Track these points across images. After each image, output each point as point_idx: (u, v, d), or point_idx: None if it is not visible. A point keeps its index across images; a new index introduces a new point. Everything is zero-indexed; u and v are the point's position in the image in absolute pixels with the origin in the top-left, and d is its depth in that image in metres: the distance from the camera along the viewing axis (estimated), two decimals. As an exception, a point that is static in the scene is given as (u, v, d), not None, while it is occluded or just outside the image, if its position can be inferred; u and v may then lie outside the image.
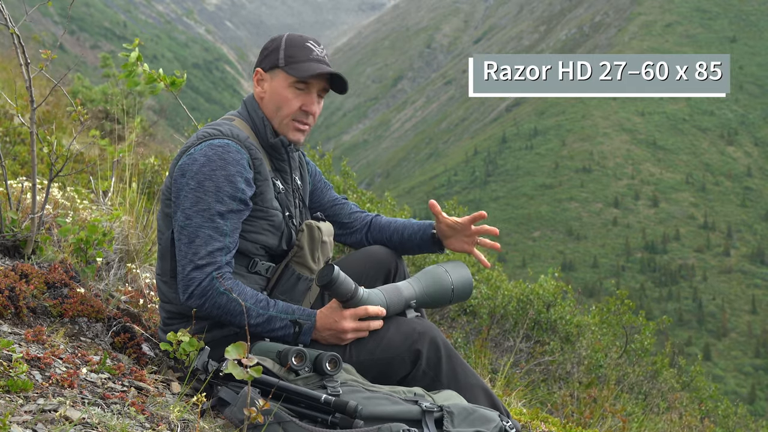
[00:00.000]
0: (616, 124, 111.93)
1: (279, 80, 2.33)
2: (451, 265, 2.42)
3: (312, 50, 2.33)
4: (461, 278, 2.40)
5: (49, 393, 1.80)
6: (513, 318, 6.42)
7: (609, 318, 7.29)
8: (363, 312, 2.18)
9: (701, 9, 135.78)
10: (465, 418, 2.02)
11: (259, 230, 2.29)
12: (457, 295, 2.39)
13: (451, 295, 2.38)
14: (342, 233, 2.68)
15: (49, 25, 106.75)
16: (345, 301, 2.17)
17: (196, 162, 2.21)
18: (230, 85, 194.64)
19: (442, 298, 2.38)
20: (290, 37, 2.36)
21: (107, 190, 3.84)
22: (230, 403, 2.00)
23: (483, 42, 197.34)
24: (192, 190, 2.19)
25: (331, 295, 2.18)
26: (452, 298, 2.40)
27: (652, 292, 79.74)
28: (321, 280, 2.14)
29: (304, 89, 2.33)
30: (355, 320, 2.18)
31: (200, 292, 2.15)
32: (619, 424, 4.34)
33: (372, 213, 2.72)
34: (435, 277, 2.35)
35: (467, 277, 2.42)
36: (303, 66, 2.30)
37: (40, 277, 2.50)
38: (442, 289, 2.35)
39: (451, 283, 2.37)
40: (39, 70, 2.86)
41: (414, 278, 2.35)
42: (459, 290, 2.39)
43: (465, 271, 2.43)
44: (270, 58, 2.35)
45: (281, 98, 2.33)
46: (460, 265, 2.45)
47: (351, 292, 2.15)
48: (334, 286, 2.13)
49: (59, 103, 8.49)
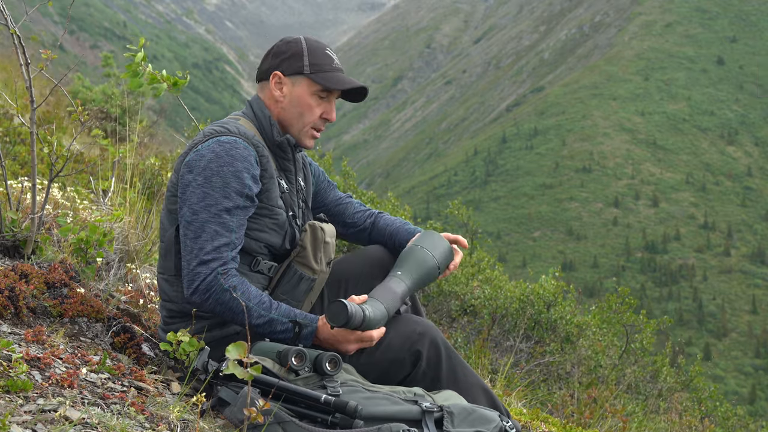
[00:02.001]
0: (616, 124, 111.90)
1: (302, 87, 2.36)
2: (429, 242, 2.43)
3: (333, 59, 2.38)
4: (443, 254, 2.44)
5: (48, 393, 1.80)
6: (513, 318, 6.42)
7: (609, 317, 7.28)
8: (367, 338, 2.18)
9: (701, 9, 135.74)
10: (465, 418, 2.03)
11: (264, 228, 2.30)
12: (442, 271, 2.45)
13: (438, 274, 2.43)
14: (346, 232, 2.70)
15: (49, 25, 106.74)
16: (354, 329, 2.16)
17: (204, 158, 2.21)
18: (230, 85, 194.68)
19: (429, 280, 2.42)
20: (311, 44, 2.38)
21: (107, 190, 3.84)
22: (230, 403, 2.00)
23: (483, 42, 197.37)
24: (199, 185, 2.19)
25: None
26: (438, 276, 2.45)
27: (652, 292, 79.71)
28: (336, 321, 2.10)
29: (325, 98, 2.37)
30: (358, 342, 2.19)
31: (205, 288, 2.15)
32: (619, 425, 4.34)
33: (375, 210, 2.73)
34: (422, 263, 2.37)
35: (447, 247, 2.46)
36: (330, 76, 2.35)
37: (40, 277, 2.50)
38: (429, 272, 2.39)
39: (437, 266, 2.41)
40: (39, 70, 2.86)
41: (403, 271, 2.34)
42: (443, 265, 2.44)
43: (442, 242, 2.47)
44: (291, 63, 2.36)
45: (305, 105, 2.36)
46: (436, 237, 2.47)
47: (360, 322, 2.13)
48: (347, 326, 2.11)
49: (59, 103, 8.48)
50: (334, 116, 2.41)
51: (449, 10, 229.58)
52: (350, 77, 2.40)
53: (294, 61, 2.36)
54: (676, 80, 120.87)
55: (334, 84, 2.33)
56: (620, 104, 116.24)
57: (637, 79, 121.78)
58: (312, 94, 2.36)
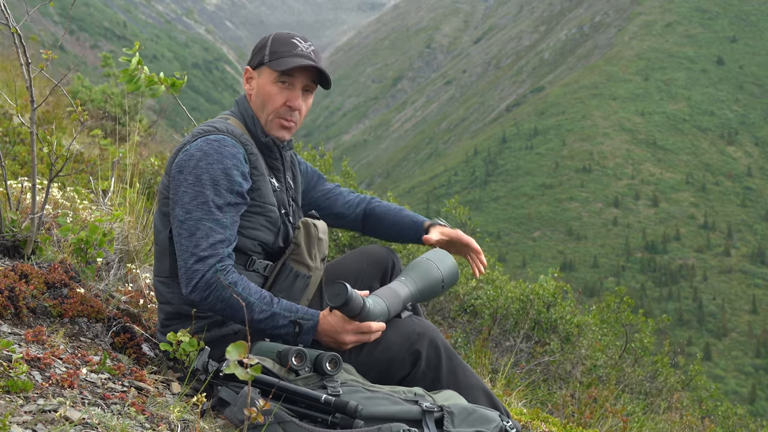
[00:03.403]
0: (616, 124, 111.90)
1: (264, 76, 2.36)
2: (437, 257, 2.45)
3: (297, 45, 2.34)
4: (449, 270, 2.44)
5: (49, 393, 1.80)
6: (513, 318, 6.42)
7: (609, 317, 7.29)
8: (366, 328, 2.18)
9: (701, 9, 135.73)
10: (465, 418, 2.02)
11: (257, 226, 2.30)
12: (446, 287, 2.45)
13: (441, 289, 2.43)
14: (338, 223, 2.73)
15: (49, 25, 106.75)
16: (353, 316, 2.16)
17: (193, 157, 2.22)
18: (230, 85, 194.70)
19: (434, 293, 2.43)
20: (277, 35, 2.39)
21: (107, 190, 3.84)
22: (230, 403, 2.00)
23: (483, 42, 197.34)
24: (190, 185, 2.20)
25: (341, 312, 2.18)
26: (442, 291, 2.45)
27: (652, 292, 79.72)
28: (335, 301, 2.12)
29: (288, 85, 2.34)
30: (356, 334, 2.18)
31: (204, 285, 2.14)
32: (620, 424, 4.34)
33: (365, 196, 2.75)
34: (426, 274, 2.38)
35: (454, 267, 2.47)
36: (286, 60, 2.31)
37: (39, 277, 2.50)
38: (433, 284, 2.39)
39: (442, 280, 2.41)
40: (39, 70, 2.86)
41: (407, 276, 2.36)
42: (448, 282, 2.44)
43: (450, 260, 2.48)
44: (257, 55, 2.38)
45: (266, 94, 2.35)
46: (445, 255, 2.49)
47: (360, 308, 2.14)
48: (346, 307, 2.12)
49: (59, 103, 8.48)
50: (301, 103, 2.37)
51: (449, 10, 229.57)
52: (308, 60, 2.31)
53: (259, 53, 2.37)
54: (676, 80, 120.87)
55: (285, 65, 2.30)
56: (620, 104, 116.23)
57: (637, 79, 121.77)
58: (273, 82, 2.34)
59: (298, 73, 2.34)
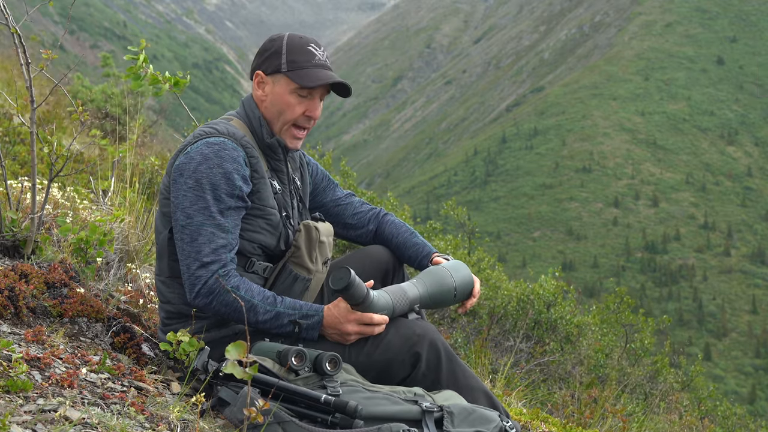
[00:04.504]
0: (616, 124, 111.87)
1: (281, 85, 2.31)
2: (453, 267, 2.42)
3: (314, 54, 2.31)
4: (463, 280, 2.40)
5: (48, 393, 1.80)
6: (513, 318, 6.42)
7: (609, 317, 7.29)
8: (368, 319, 2.18)
9: (701, 9, 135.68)
10: (465, 418, 2.02)
11: (257, 229, 2.29)
12: (459, 297, 2.41)
13: (454, 298, 2.39)
14: (346, 234, 2.68)
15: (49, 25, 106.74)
16: (356, 304, 2.16)
17: (193, 160, 2.21)
18: (230, 85, 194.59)
19: (444, 301, 2.39)
20: (291, 40, 2.33)
21: (107, 190, 3.84)
22: (230, 403, 2.00)
23: (483, 42, 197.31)
24: (190, 188, 2.19)
25: (344, 299, 2.17)
26: (454, 301, 2.41)
27: (652, 292, 79.69)
28: (337, 284, 2.11)
29: (307, 95, 2.32)
30: (359, 325, 2.18)
31: (207, 291, 2.15)
32: (620, 425, 4.33)
33: (378, 209, 2.70)
34: (439, 280, 2.35)
35: (469, 278, 2.43)
36: (307, 73, 2.28)
37: (39, 277, 2.50)
38: (445, 292, 2.36)
39: (455, 288, 2.38)
40: (39, 70, 2.86)
41: (418, 279, 2.34)
42: (461, 292, 2.40)
43: (466, 271, 2.44)
44: (271, 61, 2.33)
45: (284, 104, 2.32)
46: (462, 266, 2.45)
47: (363, 296, 2.14)
48: (348, 292, 2.12)
49: (59, 103, 8.48)
50: (319, 113, 2.36)
51: (449, 10, 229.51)
52: (330, 72, 2.32)
53: (273, 59, 2.32)
54: (676, 80, 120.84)
55: (309, 81, 2.27)
56: (620, 104, 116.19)
57: (637, 79, 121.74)
58: (291, 92, 2.31)
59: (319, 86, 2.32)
